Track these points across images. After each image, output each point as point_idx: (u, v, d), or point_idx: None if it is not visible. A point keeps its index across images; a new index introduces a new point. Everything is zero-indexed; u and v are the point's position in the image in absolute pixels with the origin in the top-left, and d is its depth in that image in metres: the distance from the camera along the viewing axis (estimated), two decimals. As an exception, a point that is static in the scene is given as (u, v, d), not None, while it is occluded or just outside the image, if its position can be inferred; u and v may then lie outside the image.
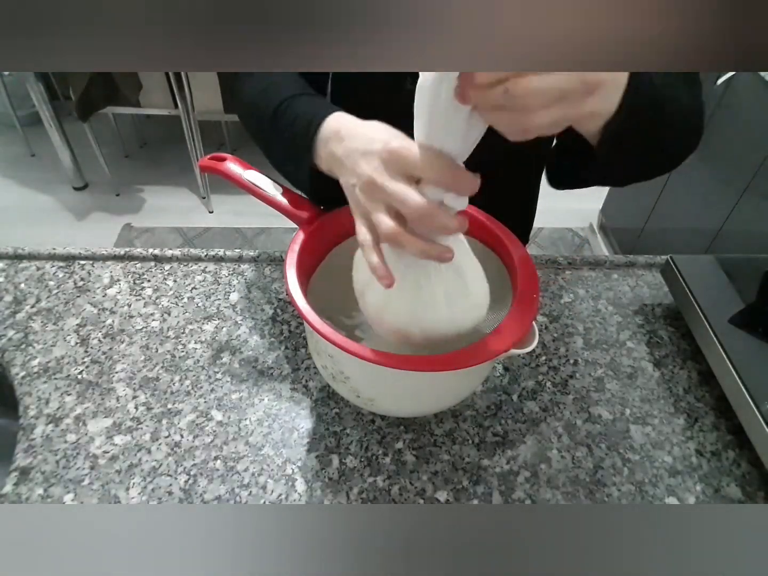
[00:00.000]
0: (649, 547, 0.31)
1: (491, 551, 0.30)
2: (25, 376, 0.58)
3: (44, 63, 0.38)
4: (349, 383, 0.48)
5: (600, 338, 0.66)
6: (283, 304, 0.68)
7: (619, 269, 0.76)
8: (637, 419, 0.58)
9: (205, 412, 0.56)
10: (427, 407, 0.53)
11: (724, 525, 0.32)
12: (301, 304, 0.44)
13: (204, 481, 0.51)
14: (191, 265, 0.73)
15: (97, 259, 0.72)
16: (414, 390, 0.49)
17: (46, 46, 0.38)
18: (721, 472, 0.54)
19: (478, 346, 0.43)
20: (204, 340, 0.63)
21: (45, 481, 0.50)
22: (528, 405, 0.59)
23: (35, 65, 0.38)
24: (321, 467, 0.52)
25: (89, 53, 0.38)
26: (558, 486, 0.52)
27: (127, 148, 2.47)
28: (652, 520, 0.32)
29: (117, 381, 0.59)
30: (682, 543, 0.31)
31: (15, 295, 0.67)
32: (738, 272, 0.67)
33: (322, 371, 0.52)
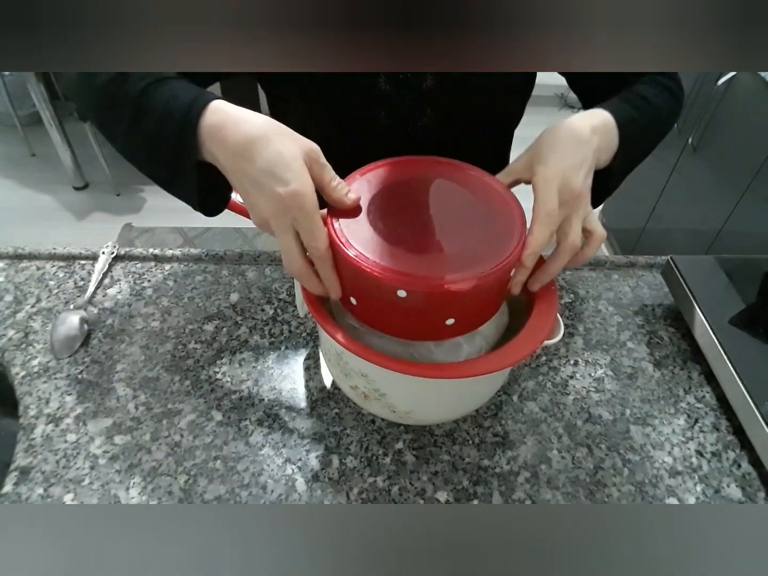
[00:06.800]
0: (649, 547, 0.31)
1: (491, 551, 0.30)
2: (25, 376, 0.58)
3: (44, 63, 0.38)
4: (384, 400, 0.48)
5: (600, 339, 0.66)
6: (284, 304, 0.68)
7: (619, 270, 0.76)
8: (638, 420, 0.58)
9: (205, 412, 0.56)
10: (464, 410, 0.54)
11: (724, 525, 0.32)
12: (336, 334, 0.42)
13: (204, 481, 0.51)
14: (191, 265, 0.73)
15: (97, 259, 0.72)
16: (454, 396, 0.50)
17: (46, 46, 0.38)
18: (721, 473, 0.54)
19: (517, 343, 0.43)
20: (204, 340, 0.63)
21: (45, 481, 0.50)
22: (528, 405, 0.59)
23: (35, 65, 0.38)
24: (321, 467, 0.52)
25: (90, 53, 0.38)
26: (558, 486, 0.52)
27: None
28: (652, 520, 0.32)
29: (117, 381, 0.59)
30: (682, 543, 0.31)
31: (15, 295, 0.67)
32: (738, 273, 0.67)
33: (350, 393, 0.51)
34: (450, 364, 0.44)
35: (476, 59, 0.38)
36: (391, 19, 0.37)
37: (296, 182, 0.38)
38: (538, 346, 0.44)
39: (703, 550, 0.30)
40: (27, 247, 0.73)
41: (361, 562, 0.30)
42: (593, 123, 0.48)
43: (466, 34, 0.38)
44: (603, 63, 0.39)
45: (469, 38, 0.38)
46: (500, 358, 0.42)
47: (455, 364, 0.44)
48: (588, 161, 0.46)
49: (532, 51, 0.38)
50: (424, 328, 0.43)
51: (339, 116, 0.52)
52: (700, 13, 0.37)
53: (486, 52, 0.38)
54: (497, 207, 0.45)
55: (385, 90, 0.59)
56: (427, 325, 0.43)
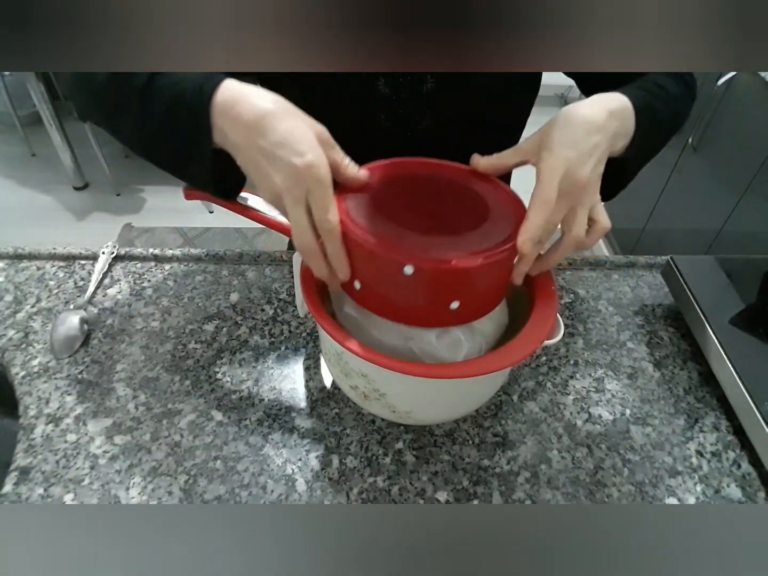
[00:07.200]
0: (649, 547, 0.31)
1: (491, 551, 0.30)
2: (25, 376, 0.58)
3: (44, 63, 0.38)
4: (384, 400, 0.48)
5: (600, 339, 0.66)
6: (284, 304, 0.68)
7: (619, 270, 0.76)
8: (638, 420, 0.58)
9: (205, 412, 0.56)
10: (464, 410, 0.54)
11: (724, 525, 0.32)
12: (335, 334, 0.43)
13: (204, 481, 0.51)
14: (191, 265, 0.73)
15: (97, 259, 0.72)
16: (454, 396, 0.50)
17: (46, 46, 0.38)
18: (721, 473, 0.54)
19: (517, 343, 0.43)
20: (204, 340, 0.63)
21: (45, 481, 0.50)
22: (528, 405, 0.59)
23: (35, 65, 0.38)
24: (321, 467, 0.52)
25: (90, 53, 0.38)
26: (558, 486, 0.52)
27: (128, 148, 2.47)
28: (652, 520, 0.32)
29: (117, 381, 0.59)
30: (682, 543, 0.31)
31: (15, 295, 0.67)
32: (738, 273, 0.67)
33: (350, 393, 0.51)
34: (450, 364, 0.44)
35: (477, 59, 0.38)
36: (391, 18, 0.37)
37: (312, 154, 0.38)
38: (538, 346, 0.44)
39: (703, 550, 0.30)
40: (27, 247, 0.73)
41: (361, 562, 0.30)
42: (612, 107, 0.46)
43: (467, 34, 0.38)
44: (603, 63, 0.39)
45: (470, 38, 0.38)
46: (500, 358, 0.42)
47: (455, 364, 0.44)
48: (600, 149, 0.44)
49: (535, 50, 0.38)
50: (428, 312, 0.43)
51: (339, 118, 0.52)
52: (700, 13, 0.37)
53: (487, 51, 0.38)
54: (499, 201, 0.46)
55: (384, 92, 0.59)
56: (431, 309, 0.43)
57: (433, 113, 0.61)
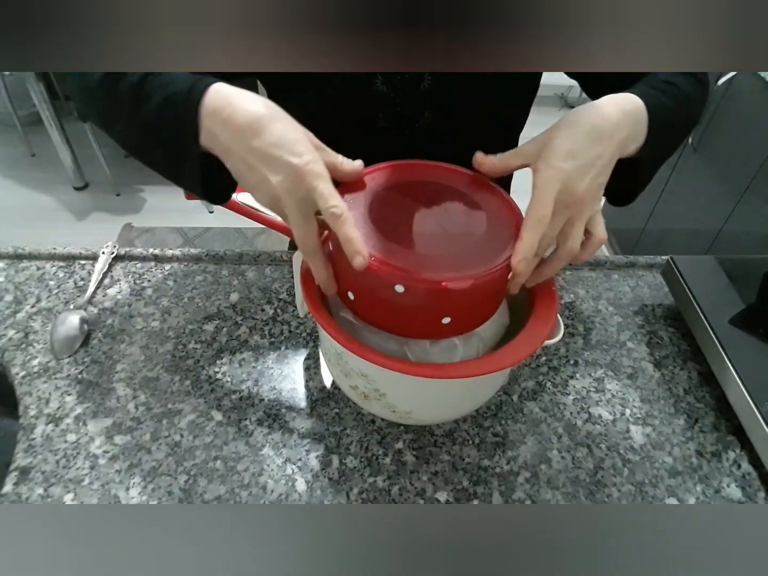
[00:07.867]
0: (649, 547, 0.31)
1: (491, 551, 0.30)
2: (25, 376, 0.58)
3: (44, 63, 0.38)
4: (384, 400, 0.47)
5: (600, 339, 0.66)
6: (284, 304, 0.68)
7: (619, 270, 0.76)
8: (638, 420, 0.58)
9: (205, 412, 0.56)
10: (464, 410, 0.54)
11: (724, 525, 0.32)
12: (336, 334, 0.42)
13: (204, 481, 0.51)
14: (191, 265, 0.73)
15: (97, 259, 0.72)
16: (454, 396, 0.50)
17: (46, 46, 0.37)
18: (721, 473, 0.54)
19: (517, 343, 0.43)
20: (204, 340, 0.63)
21: (45, 481, 0.50)
22: (528, 405, 0.59)
23: (35, 65, 0.38)
24: (321, 467, 0.52)
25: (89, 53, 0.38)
26: (558, 486, 0.52)
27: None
28: (652, 520, 0.32)
29: (117, 381, 0.59)
30: (682, 543, 0.31)
31: (15, 294, 0.67)
32: (738, 273, 0.67)
33: (350, 393, 0.51)
34: (451, 364, 0.44)
35: (476, 59, 0.38)
36: (390, 18, 0.37)
37: (309, 154, 0.39)
38: (538, 346, 0.44)
39: (703, 550, 0.30)
40: (27, 247, 0.73)
41: (361, 562, 0.30)
42: (625, 108, 0.44)
43: (466, 33, 0.38)
44: (602, 63, 0.39)
45: (469, 37, 0.38)
46: (500, 359, 0.42)
47: (456, 364, 0.44)
48: (603, 159, 0.42)
49: (534, 50, 0.38)
50: (420, 326, 0.43)
51: (336, 117, 0.52)
52: (700, 13, 0.37)
53: (486, 51, 0.38)
54: (495, 211, 0.45)
55: (382, 91, 0.59)
56: (423, 323, 0.43)
57: (430, 113, 0.61)
